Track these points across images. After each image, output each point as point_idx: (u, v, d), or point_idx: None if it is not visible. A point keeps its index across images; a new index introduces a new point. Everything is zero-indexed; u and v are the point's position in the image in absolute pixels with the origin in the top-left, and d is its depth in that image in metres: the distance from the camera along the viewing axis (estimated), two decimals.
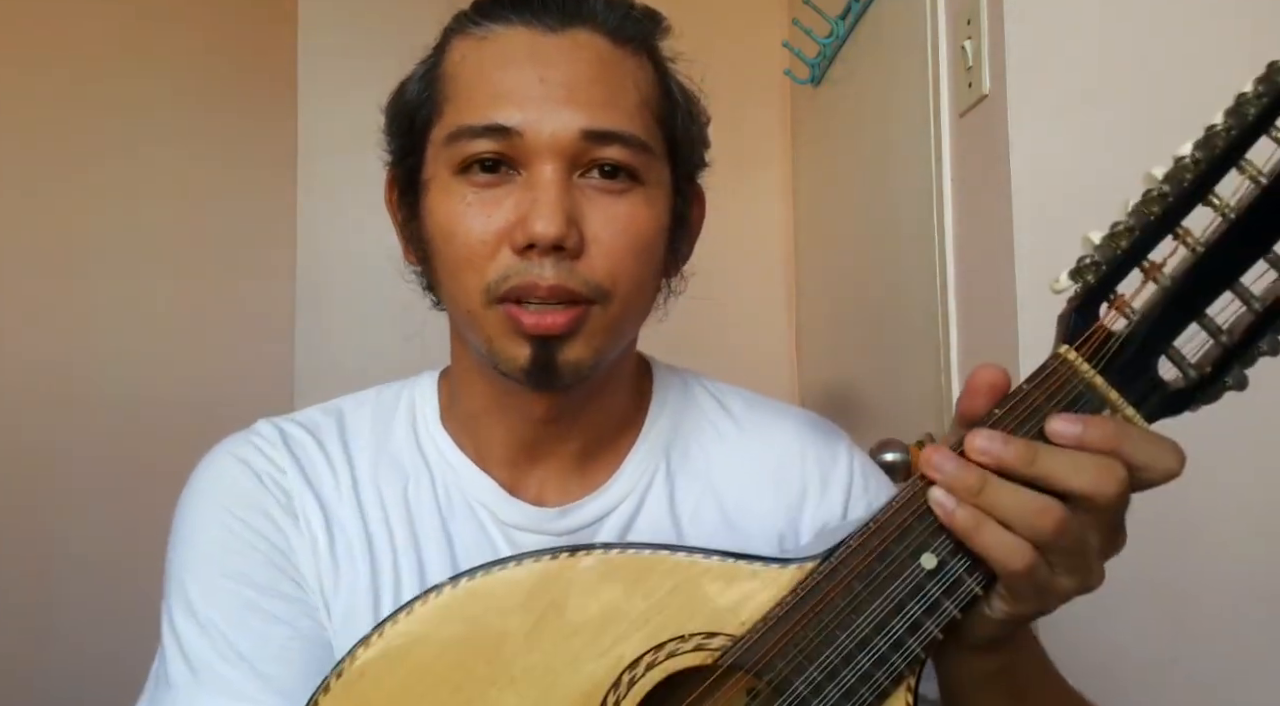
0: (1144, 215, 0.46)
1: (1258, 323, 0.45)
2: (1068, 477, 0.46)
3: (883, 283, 1.37)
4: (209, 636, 0.62)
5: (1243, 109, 0.44)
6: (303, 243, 1.84)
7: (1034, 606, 0.49)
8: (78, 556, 1.64)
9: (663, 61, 0.66)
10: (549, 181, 0.57)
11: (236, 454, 0.69)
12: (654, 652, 0.48)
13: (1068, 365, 0.47)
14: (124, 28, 1.74)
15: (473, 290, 0.59)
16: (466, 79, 0.61)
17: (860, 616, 0.48)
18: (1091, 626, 0.88)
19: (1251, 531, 0.90)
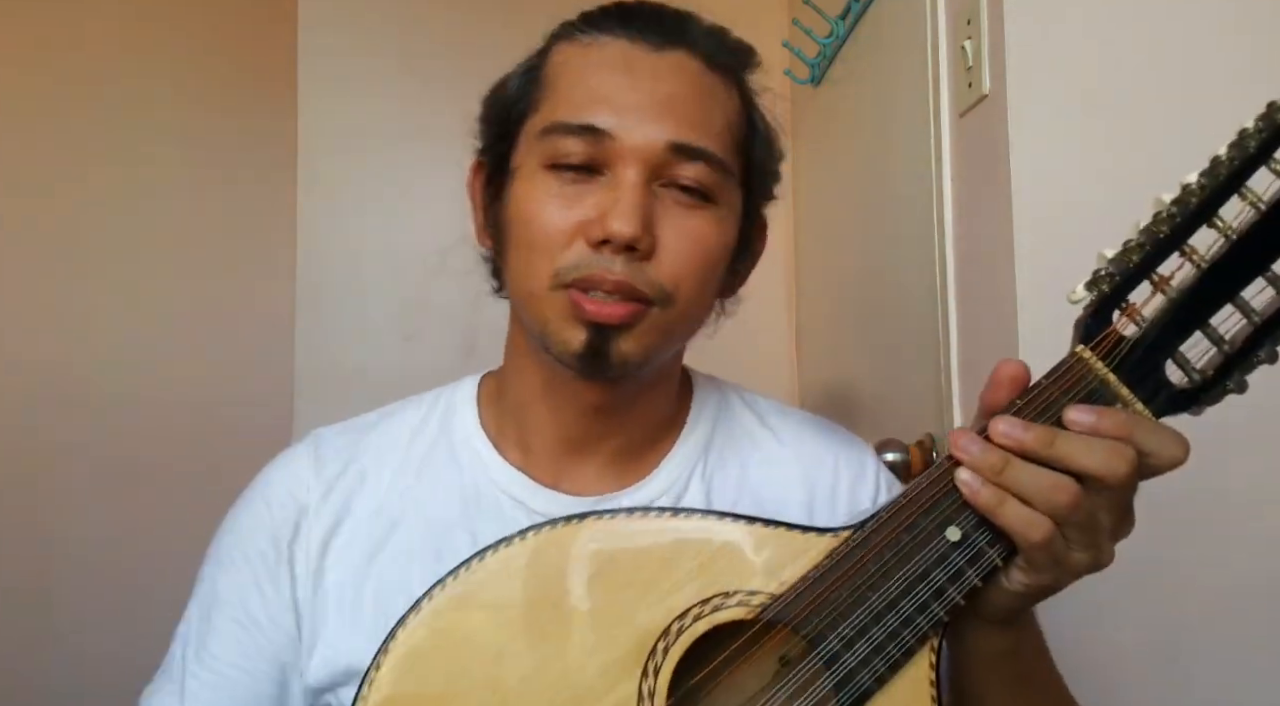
0: (1154, 233, 0.51)
1: (1256, 333, 0.50)
2: (1082, 458, 0.50)
3: (883, 283, 1.37)
4: (186, 637, 0.69)
5: (1245, 142, 0.50)
6: (303, 243, 1.84)
7: (1050, 578, 0.53)
8: (78, 556, 1.64)
9: (749, 92, 0.69)
10: (631, 184, 0.61)
11: (268, 478, 0.72)
12: (701, 606, 0.52)
13: (1083, 363, 0.52)
14: (124, 28, 1.74)
15: (541, 273, 0.62)
16: (566, 80, 0.65)
17: (889, 580, 0.52)
18: (1092, 626, 0.89)
19: (1252, 531, 0.90)
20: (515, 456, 0.70)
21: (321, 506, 0.69)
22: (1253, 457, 0.90)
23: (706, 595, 0.53)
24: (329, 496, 0.69)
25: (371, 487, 0.70)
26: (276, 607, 0.67)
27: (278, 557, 0.68)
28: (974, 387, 1.02)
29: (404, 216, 1.84)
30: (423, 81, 1.85)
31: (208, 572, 0.71)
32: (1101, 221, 0.90)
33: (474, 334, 1.79)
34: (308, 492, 0.69)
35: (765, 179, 0.71)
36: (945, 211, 1.07)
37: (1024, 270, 0.90)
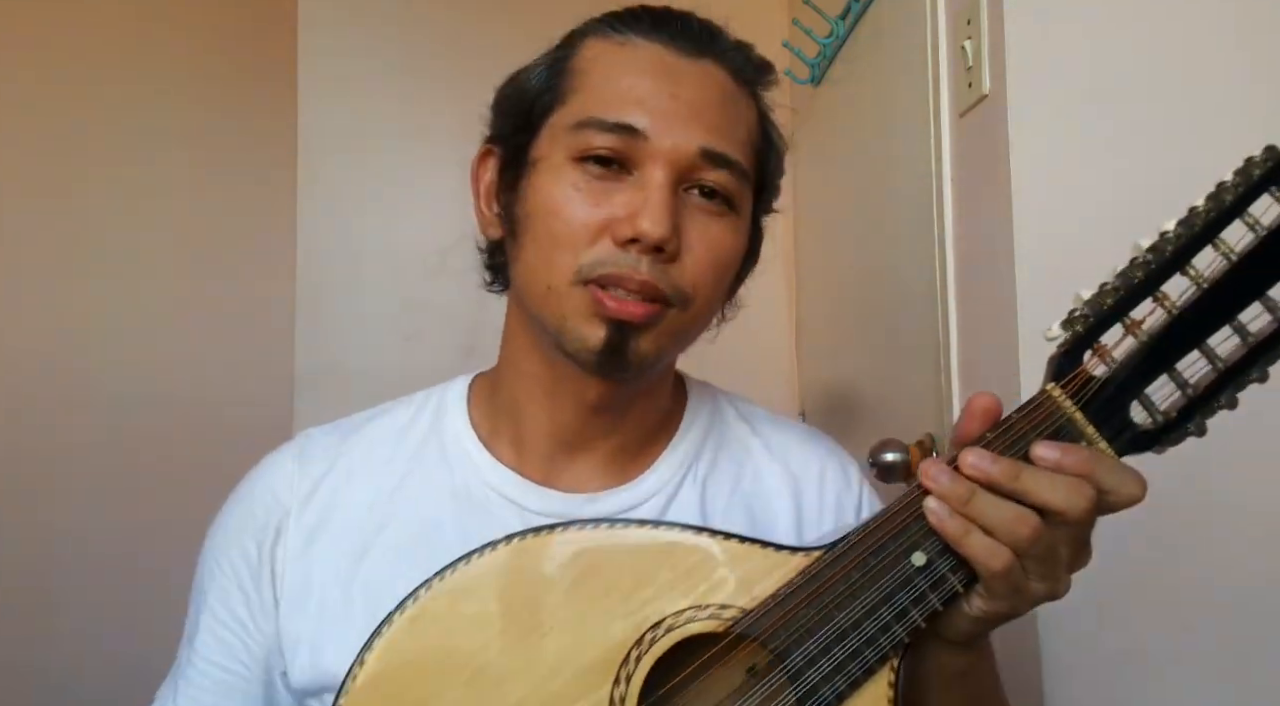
0: (1129, 278, 0.53)
1: (1220, 379, 0.52)
2: (1045, 493, 0.52)
3: (883, 283, 1.37)
4: (184, 637, 0.71)
5: (1221, 195, 0.52)
6: (303, 243, 1.84)
7: (1007, 606, 0.55)
8: (78, 556, 1.64)
9: (765, 107, 0.71)
10: (661, 185, 0.61)
11: (255, 476, 0.73)
12: (674, 617, 0.54)
13: (1053, 401, 0.55)
14: (123, 28, 1.74)
15: (563, 268, 0.62)
16: (600, 76, 0.65)
17: (856, 601, 0.54)
18: (1092, 626, 0.89)
19: (1252, 531, 0.90)
20: (507, 455, 0.70)
21: (305, 507, 0.69)
22: (1253, 459, 0.90)
23: (680, 607, 0.54)
24: (313, 497, 0.69)
25: (359, 486, 0.69)
26: (259, 609, 0.68)
27: (260, 559, 0.68)
28: (974, 388, 1.02)
29: (404, 216, 1.84)
30: (423, 81, 1.85)
31: (199, 574, 0.72)
32: (1101, 221, 0.90)
33: (474, 334, 1.79)
34: (290, 494, 0.69)
35: (771, 191, 0.72)
36: (945, 211, 1.07)
37: (1024, 270, 0.90)
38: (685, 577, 0.55)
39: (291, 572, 0.67)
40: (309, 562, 0.67)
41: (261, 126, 1.83)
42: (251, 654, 0.68)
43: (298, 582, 0.67)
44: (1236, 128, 0.91)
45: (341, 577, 0.66)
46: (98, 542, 1.64)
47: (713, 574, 0.55)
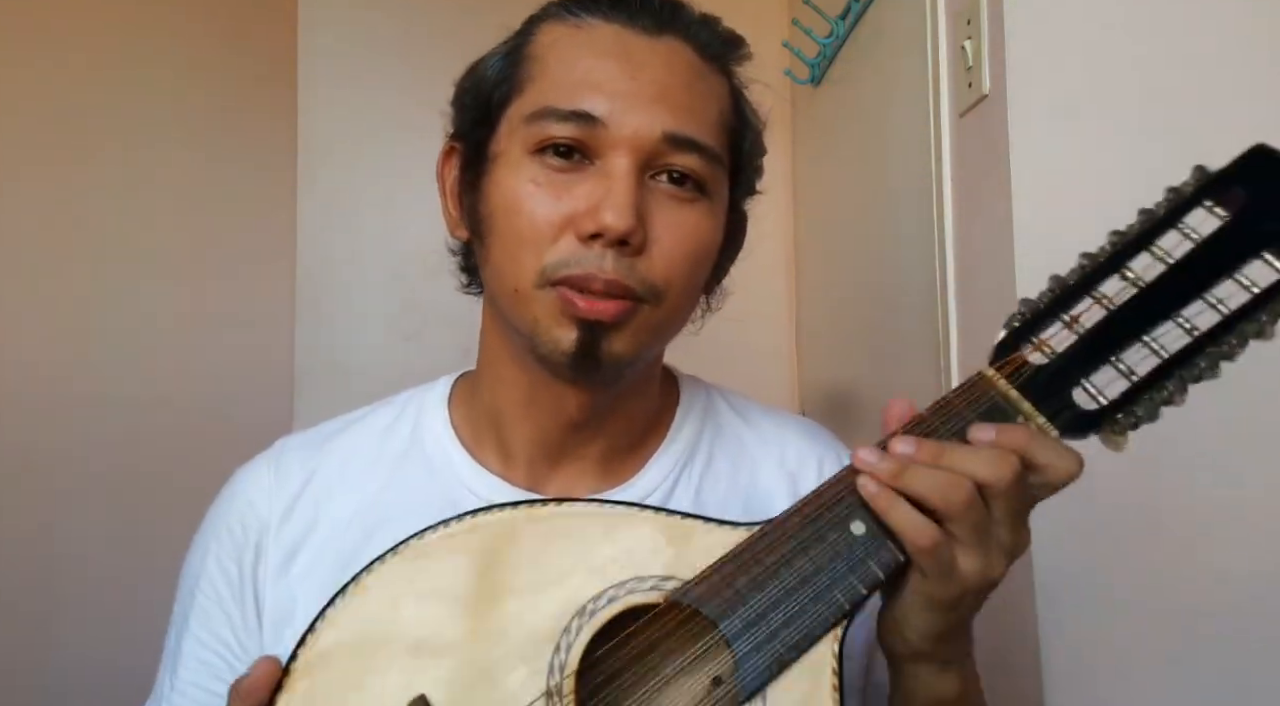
0: (1064, 280, 0.57)
1: (1164, 367, 0.54)
2: (968, 464, 0.52)
3: (883, 283, 1.37)
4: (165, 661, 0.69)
5: (1154, 210, 0.57)
6: (303, 243, 1.84)
7: (943, 589, 0.54)
8: (77, 556, 1.64)
9: (739, 84, 0.67)
10: (623, 175, 0.58)
11: (232, 492, 0.70)
12: (616, 588, 0.55)
13: (987, 380, 0.57)
14: (123, 27, 1.74)
15: (527, 270, 0.59)
16: (555, 62, 0.61)
17: (789, 568, 0.55)
18: (1092, 626, 0.89)
19: (1252, 531, 0.90)
20: (493, 461, 0.68)
21: (284, 524, 0.66)
22: (1253, 459, 0.90)
23: (622, 579, 0.55)
24: (292, 512, 0.67)
25: (340, 498, 0.67)
26: (242, 630, 0.65)
27: (241, 580, 0.66)
28: None
29: (404, 216, 1.84)
30: (423, 81, 1.84)
31: (179, 596, 0.69)
32: (1101, 221, 0.90)
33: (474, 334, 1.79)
34: (269, 510, 0.67)
35: (751, 173, 0.69)
36: (945, 211, 1.07)
37: (1024, 270, 0.90)
38: (628, 553, 0.56)
39: (274, 592, 0.65)
40: (292, 580, 0.65)
41: (261, 126, 1.83)
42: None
43: (282, 601, 0.65)
44: (1236, 127, 0.91)
45: (326, 594, 0.63)
46: (98, 542, 1.64)
47: (655, 548, 0.56)
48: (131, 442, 1.68)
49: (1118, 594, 0.89)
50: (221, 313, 1.77)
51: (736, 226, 0.70)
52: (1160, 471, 0.88)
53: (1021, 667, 0.90)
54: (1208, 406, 0.58)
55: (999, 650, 0.96)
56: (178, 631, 0.68)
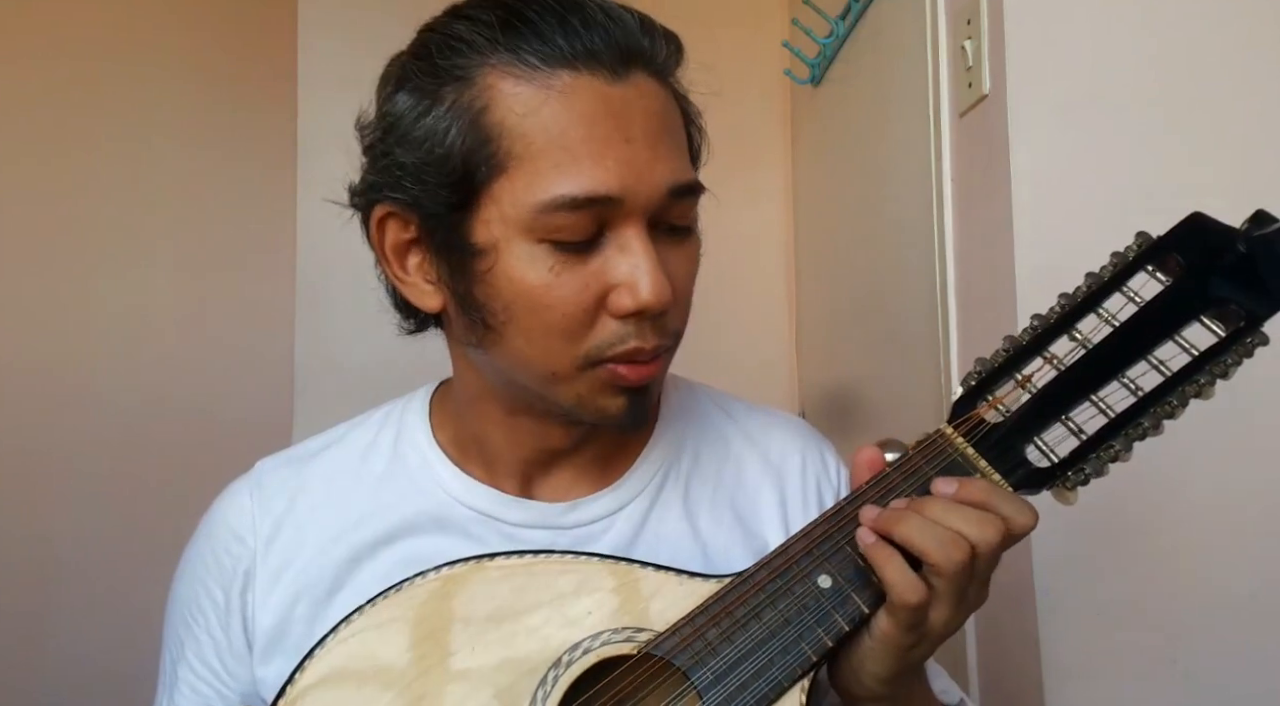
0: (1017, 341, 0.60)
1: (1111, 426, 0.57)
2: (959, 523, 0.54)
3: (883, 283, 1.37)
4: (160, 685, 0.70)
5: (1100, 273, 0.59)
6: (303, 242, 1.84)
7: (908, 638, 0.55)
8: (77, 556, 1.64)
9: (679, 88, 0.63)
10: (644, 245, 0.57)
11: (214, 521, 0.70)
12: (591, 639, 0.57)
13: (945, 438, 0.60)
14: (123, 26, 1.74)
15: (564, 357, 0.58)
16: (541, 137, 0.55)
17: (758, 621, 0.56)
18: (1092, 625, 0.89)
19: (1251, 531, 0.90)
20: (479, 472, 0.67)
21: (269, 548, 0.66)
22: (1253, 459, 0.90)
23: (598, 630, 0.57)
24: (276, 536, 0.66)
25: (324, 521, 0.66)
26: (229, 656, 0.66)
27: (228, 606, 0.66)
28: None
29: None
30: None
31: (169, 620, 0.70)
32: (1101, 221, 0.90)
33: None
34: (254, 536, 0.66)
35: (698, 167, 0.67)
36: (945, 211, 1.07)
37: (1024, 270, 0.90)
38: (602, 604, 0.58)
39: (263, 617, 0.65)
40: (280, 605, 0.65)
41: (262, 126, 1.83)
42: (227, 701, 0.66)
43: (271, 626, 0.64)
44: (1236, 127, 0.91)
45: (316, 617, 0.64)
46: (98, 543, 1.64)
47: (629, 601, 0.58)
48: (131, 442, 1.68)
49: (1118, 594, 0.89)
50: (221, 312, 1.77)
51: None
52: (1159, 473, 0.88)
53: (1021, 667, 0.90)
54: (1205, 410, 0.58)
55: (999, 650, 0.96)
56: (172, 657, 0.69)
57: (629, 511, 0.68)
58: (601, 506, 0.67)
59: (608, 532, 0.67)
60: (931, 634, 0.56)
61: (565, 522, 0.66)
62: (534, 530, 0.66)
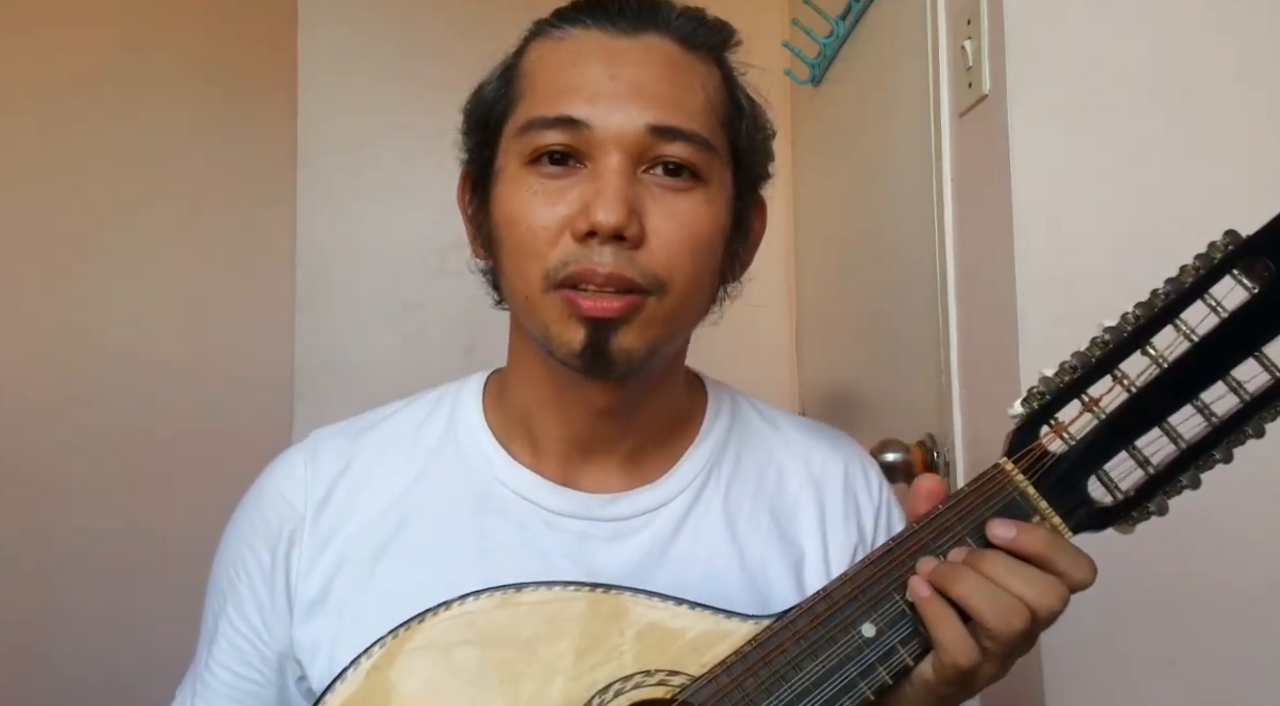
0: (1087, 358, 0.53)
1: (1182, 458, 0.53)
2: (1025, 591, 0.52)
3: (883, 283, 1.37)
4: (202, 638, 0.71)
5: (1181, 278, 0.52)
6: (302, 242, 1.84)
7: (951, 691, 0.54)
8: (77, 555, 1.64)
9: (731, 70, 0.68)
10: (612, 172, 0.59)
11: (266, 483, 0.71)
12: (623, 682, 0.54)
13: (1005, 474, 0.55)
14: (124, 26, 1.74)
15: (533, 276, 0.60)
16: (541, 75, 0.63)
17: (800, 672, 0.53)
18: (1092, 626, 0.88)
19: (1252, 531, 0.90)
20: (525, 456, 0.69)
21: (320, 513, 0.68)
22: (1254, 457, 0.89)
23: (629, 672, 0.54)
24: (328, 502, 0.68)
25: (375, 489, 0.68)
26: (271, 615, 0.67)
27: (273, 566, 0.67)
28: (974, 388, 1.02)
29: (404, 216, 1.84)
30: (423, 81, 1.85)
31: (214, 577, 0.71)
32: (1101, 221, 0.90)
33: (474, 334, 1.79)
34: (304, 500, 0.68)
35: (755, 157, 0.69)
36: (945, 211, 1.07)
37: (1024, 270, 0.90)
38: (635, 642, 0.55)
39: (307, 579, 0.66)
40: (325, 569, 0.66)
41: (261, 126, 1.83)
42: (265, 660, 0.67)
43: (314, 589, 0.66)
44: (1236, 128, 0.91)
45: (358, 583, 0.65)
46: (98, 542, 1.64)
47: (664, 640, 0.55)
48: (131, 442, 1.68)
49: (1118, 594, 0.89)
50: (221, 313, 1.77)
51: (745, 213, 0.69)
52: None
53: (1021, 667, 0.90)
54: None
55: None
56: (214, 611, 0.70)
57: (669, 509, 0.68)
58: (642, 502, 0.68)
59: (646, 528, 0.67)
60: (976, 686, 0.55)
61: (605, 514, 0.67)
62: (573, 519, 0.66)
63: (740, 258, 0.71)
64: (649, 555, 0.66)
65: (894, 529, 0.75)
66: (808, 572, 0.69)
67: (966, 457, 1.04)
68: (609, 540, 0.66)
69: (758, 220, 0.72)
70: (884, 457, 1.09)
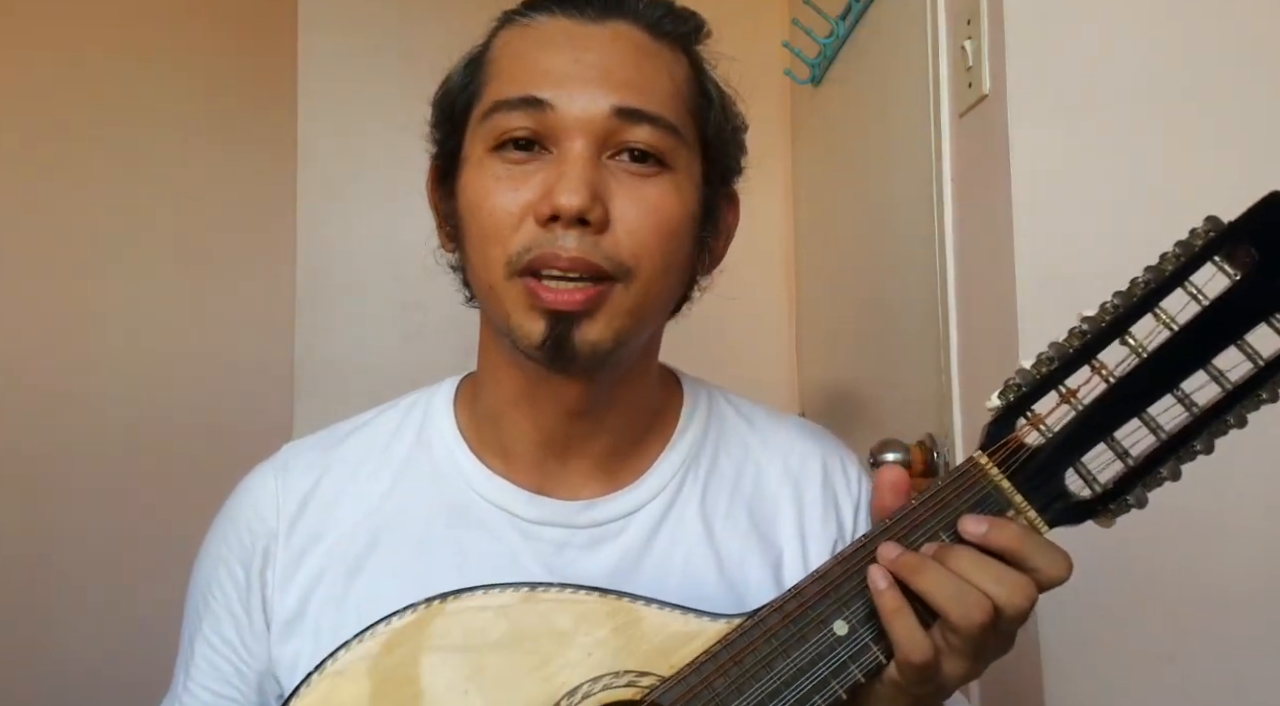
0: (1064, 348, 0.52)
1: (1160, 449, 0.51)
2: (991, 587, 0.50)
3: (883, 283, 1.37)
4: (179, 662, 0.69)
5: (1161, 265, 0.51)
6: (303, 241, 1.84)
7: (920, 687, 0.53)
8: (77, 555, 1.64)
9: (699, 59, 0.67)
10: (576, 156, 0.58)
11: (238, 501, 0.71)
12: (591, 684, 0.53)
13: (979, 468, 0.54)
14: (124, 25, 1.74)
15: (495, 262, 0.59)
16: (507, 61, 0.63)
17: (770, 671, 0.52)
18: (1092, 626, 0.89)
19: (1251, 531, 0.90)
20: (497, 464, 0.67)
21: (292, 529, 0.66)
22: (1254, 458, 0.90)
23: (598, 673, 0.54)
24: (300, 518, 0.67)
25: (347, 504, 0.67)
26: (249, 634, 0.66)
27: (248, 584, 0.66)
28: (974, 388, 1.02)
29: (404, 216, 1.84)
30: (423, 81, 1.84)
31: (190, 596, 0.70)
32: (1101, 221, 0.90)
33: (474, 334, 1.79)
34: (276, 516, 0.67)
35: (725, 147, 0.67)
36: (945, 211, 1.07)
37: (1024, 270, 0.90)
38: (602, 644, 0.54)
39: (282, 596, 0.65)
40: (301, 584, 0.65)
41: (261, 126, 1.83)
42: (245, 679, 0.66)
43: (290, 606, 0.65)
44: (1236, 128, 0.91)
45: (334, 599, 0.64)
46: (98, 542, 1.65)
47: (633, 641, 0.55)
48: (131, 442, 1.68)
49: (1118, 594, 0.89)
50: (221, 313, 1.78)
51: (715, 204, 0.68)
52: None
53: (1021, 667, 0.90)
54: None
55: None
56: (190, 633, 0.69)
57: (645, 513, 0.67)
58: (617, 506, 0.67)
59: (623, 533, 0.66)
60: (946, 683, 0.53)
61: (580, 521, 0.66)
62: (549, 527, 0.65)
63: (712, 249, 0.69)
64: (625, 560, 0.65)
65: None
66: (786, 572, 0.68)
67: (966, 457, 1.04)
68: (586, 547, 0.65)
69: (730, 213, 0.71)
70: (884, 458, 1.09)
